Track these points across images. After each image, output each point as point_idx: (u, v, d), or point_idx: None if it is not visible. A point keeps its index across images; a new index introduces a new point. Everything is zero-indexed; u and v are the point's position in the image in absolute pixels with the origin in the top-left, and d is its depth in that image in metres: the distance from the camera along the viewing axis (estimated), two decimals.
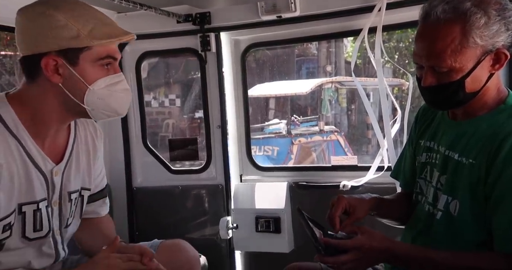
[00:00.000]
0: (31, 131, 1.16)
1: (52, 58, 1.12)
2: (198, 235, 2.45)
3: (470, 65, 1.11)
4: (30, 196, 1.16)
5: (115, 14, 2.36)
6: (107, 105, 1.19)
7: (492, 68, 1.14)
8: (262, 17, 2.17)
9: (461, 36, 1.08)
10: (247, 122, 2.46)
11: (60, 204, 1.25)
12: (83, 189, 1.33)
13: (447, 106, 1.23)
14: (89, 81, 1.15)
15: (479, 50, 1.10)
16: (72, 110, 1.19)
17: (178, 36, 2.36)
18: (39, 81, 1.16)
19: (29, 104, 1.17)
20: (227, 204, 2.42)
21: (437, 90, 1.16)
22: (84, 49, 1.13)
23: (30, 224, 1.18)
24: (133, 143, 2.55)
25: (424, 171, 1.33)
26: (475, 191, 1.15)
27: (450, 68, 1.11)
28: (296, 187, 2.34)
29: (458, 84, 1.13)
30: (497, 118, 1.16)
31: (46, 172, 1.20)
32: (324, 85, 7.63)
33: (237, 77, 2.41)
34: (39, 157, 1.18)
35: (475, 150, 1.16)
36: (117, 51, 1.19)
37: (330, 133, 7.10)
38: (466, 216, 1.17)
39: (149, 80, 6.46)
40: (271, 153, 6.43)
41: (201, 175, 2.48)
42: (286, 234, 2.30)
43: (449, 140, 1.24)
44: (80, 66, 1.14)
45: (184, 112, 10.76)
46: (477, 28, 1.08)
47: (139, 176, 2.56)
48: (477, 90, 1.15)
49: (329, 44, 11.15)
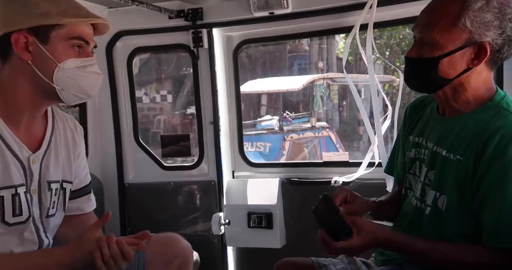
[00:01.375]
0: (4, 118, 1.16)
1: (23, 35, 1.14)
2: (191, 231, 2.46)
3: (452, 47, 1.12)
4: (7, 180, 1.16)
5: (106, 9, 2.34)
6: (77, 85, 1.19)
7: (471, 63, 1.15)
8: (254, 13, 2.16)
9: (456, 14, 1.11)
10: (239, 118, 2.46)
11: (40, 192, 1.25)
12: (64, 181, 1.32)
13: (418, 83, 1.23)
14: (58, 60, 1.16)
15: (465, 35, 1.11)
16: (43, 91, 1.18)
17: (170, 32, 2.35)
18: (11, 61, 1.17)
19: (2, 89, 1.18)
20: (219, 200, 2.42)
21: (415, 63, 1.19)
22: (55, 27, 1.15)
23: (9, 209, 1.17)
24: (125, 138, 2.54)
25: (413, 167, 1.35)
26: (462, 187, 1.17)
27: (434, 41, 1.13)
28: (288, 183, 2.35)
29: (434, 62, 1.14)
30: (484, 116, 1.17)
31: (22, 159, 1.19)
32: (316, 82, 7.66)
33: (229, 74, 2.41)
34: (14, 143, 1.18)
35: (462, 147, 1.18)
36: (90, 35, 1.20)
37: (322, 129, 7.15)
38: (454, 211, 1.19)
39: (140, 76, 6.42)
40: (263, 149, 6.45)
41: (193, 171, 2.48)
42: (278, 229, 2.31)
43: (437, 135, 1.26)
44: (51, 44, 1.15)
45: (176, 108, 10.71)
46: (472, 10, 1.10)
47: (131, 172, 2.56)
48: (449, 78, 1.16)
49: (321, 41, 11.16)
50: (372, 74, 2.13)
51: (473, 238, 1.17)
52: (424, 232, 1.24)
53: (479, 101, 1.20)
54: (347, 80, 2.26)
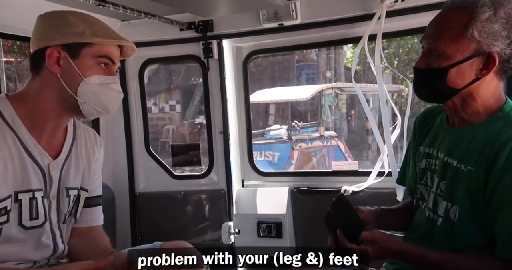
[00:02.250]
0: (28, 126, 1.24)
1: (57, 50, 1.23)
2: (200, 240, 2.47)
3: (460, 57, 1.13)
4: (25, 184, 1.22)
5: (119, 22, 2.40)
6: (98, 100, 1.26)
7: (480, 73, 1.15)
8: (263, 24, 2.20)
9: (463, 25, 1.12)
10: (248, 128, 2.48)
11: (58, 198, 1.30)
12: (82, 189, 1.37)
13: (427, 93, 1.24)
14: (84, 74, 1.24)
15: (473, 46, 1.12)
16: (67, 103, 1.25)
17: (181, 44, 2.40)
18: (42, 73, 1.25)
19: (28, 100, 1.25)
20: (229, 209, 2.44)
21: (424, 74, 1.20)
22: (86, 45, 1.23)
23: (26, 212, 1.22)
24: (136, 148, 2.57)
25: (424, 177, 1.34)
26: (474, 198, 1.16)
27: (442, 52, 1.14)
28: (297, 192, 2.36)
29: (442, 71, 1.15)
30: (493, 126, 1.17)
31: (43, 166, 1.25)
32: (324, 91, 7.67)
33: (238, 84, 2.44)
34: (35, 150, 1.24)
35: (473, 157, 1.18)
36: (116, 55, 1.29)
37: (330, 139, 7.13)
38: (466, 222, 1.18)
39: (150, 86, 6.51)
40: (272, 158, 6.44)
41: (203, 180, 2.50)
42: (288, 239, 2.31)
43: (448, 146, 1.26)
44: (80, 60, 1.24)
45: (185, 118, 10.79)
46: (480, 21, 1.11)
47: (142, 181, 2.59)
48: (458, 88, 1.16)
49: (329, 51, 11.20)
50: (381, 83, 2.14)
51: (485, 250, 1.16)
52: (436, 242, 1.24)
53: (489, 111, 1.20)
54: (355, 89, 2.27)
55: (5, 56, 6.96)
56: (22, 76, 1.45)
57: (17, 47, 6.44)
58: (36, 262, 1.27)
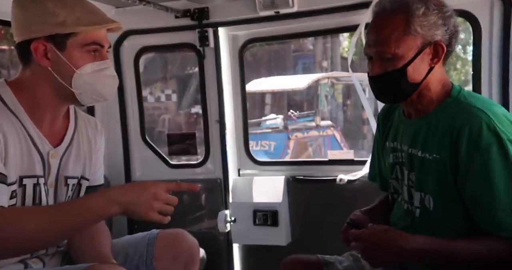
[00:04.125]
0: (28, 113, 1.22)
1: (42, 43, 1.19)
2: (197, 228, 2.48)
3: (412, 54, 1.19)
4: (30, 170, 1.21)
5: (113, 9, 2.36)
6: (94, 89, 1.24)
7: (432, 62, 1.22)
8: (260, 12, 2.17)
9: (404, 24, 1.19)
10: (245, 117, 2.47)
11: (56, 186, 1.29)
12: (82, 177, 1.37)
13: (393, 96, 1.28)
14: (76, 66, 1.21)
15: (419, 40, 1.19)
16: (63, 93, 1.24)
17: (177, 31, 2.36)
18: (32, 66, 1.23)
19: (25, 89, 1.23)
20: (225, 197, 2.44)
21: (384, 79, 1.24)
22: (71, 35, 1.20)
23: (30, 197, 1.21)
24: (132, 137, 2.56)
25: (394, 171, 1.38)
26: (445, 185, 1.19)
27: (394, 54, 1.20)
28: (294, 181, 2.36)
29: (401, 72, 1.20)
30: (446, 112, 1.22)
31: (43, 153, 1.24)
32: (321, 81, 7.65)
33: (234, 72, 2.42)
34: (37, 137, 1.23)
35: (434, 146, 1.22)
36: (104, 38, 1.25)
37: (327, 128, 7.13)
38: (442, 209, 1.21)
39: (145, 75, 6.46)
40: (268, 147, 6.45)
41: (199, 169, 2.50)
42: (284, 227, 2.32)
43: (409, 138, 1.30)
44: (68, 51, 1.21)
45: (181, 108, 10.74)
46: (418, 16, 1.18)
47: (138, 170, 2.58)
48: (418, 82, 1.22)
49: (325, 40, 11.14)
50: None
51: (467, 234, 1.19)
52: (418, 233, 1.23)
53: (440, 98, 1.26)
54: (352, 79, 2.26)
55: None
56: (17, 63, 1.44)
57: (10, 36, 6.35)
58: None
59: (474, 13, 1.91)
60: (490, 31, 1.91)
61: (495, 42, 1.91)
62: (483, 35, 1.92)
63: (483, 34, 1.92)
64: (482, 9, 1.90)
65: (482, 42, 1.93)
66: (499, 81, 1.92)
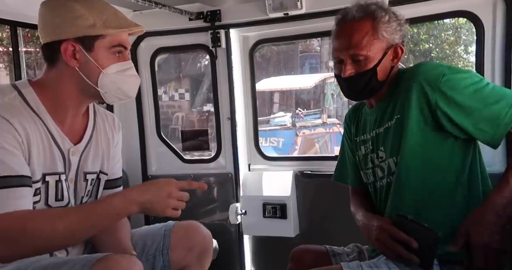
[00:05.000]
0: (50, 112, 1.23)
1: (71, 44, 1.20)
2: (209, 220, 2.49)
3: (379, 55, 1.31)
4: (52, 167, 1.22)
5: (131, 12, 2.38)
6: (118, 88, 1.26)
7: (392, 62, 1.34)
8: (269, 14, 2.17)
9: (372, 30, 1.30)
10: (255, 114, 2.47)
11: (76, 182, 1.30)
12: (101, 172, 1.38)
13: (364, 93, 1.36)
14: (102, 66, 1.22)
15: (385, 43, 1.31)
16: (87, 93, 1.25)
17: (190, 33, 2.37)
18: (58, 66, 1.24)
19: (49, 88, 1.24)
20: (236, 191, 2.44)
21: (356, 79, 1.32)
22: (99, 37, 1.21)
23: (53, 193, 1.23)
24: (148, 134, 2.58)
25: (367, 161, 1.43)
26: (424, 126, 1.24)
27: (366, 56, 1.29)
28: (301, 175, 2.36)
29: (372, 71, 1.31)
30: (396, 84, 1.34)
31: (64, 150, 1.25)
32: (327, 80, 7.61)
33: (245, 72, 2.42)
34: (58, 135, 1.24)
35: (394, 111, 1.31)
36: (127, 41, 1.27)
37: (333, 125, 7.11)
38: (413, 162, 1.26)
39: (160, 75, 6.50)
40: (277, 144, 6.44)
41: (212, 164, 2.51)
42: (292, 219, 2.32)
43: (372, 123, 1.40)
44: (95, 52, 1.22)
45: (193, 106, 10.78)
46: (383, 23, 1.30)
47: (154, 165, 2.60)
48: (383, 80, 1.34)
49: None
50: None
51: None
52: (410, 193, 1.28)
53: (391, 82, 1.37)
54: None
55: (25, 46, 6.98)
56: (41, 65, 1.46)
57: (36, 38, 6.44)
58: None
59: (477, 13, 1.88)
60: (493, 31, 1.87)
61: (498, 42, 1.87)
62: (486, 35, 1.89)
63: (486, 35, 1.89)
64: (484, 9, 1.87)
65: (485, 43, 1.90)
66: (502, 81, 1.89)
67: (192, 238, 1.48)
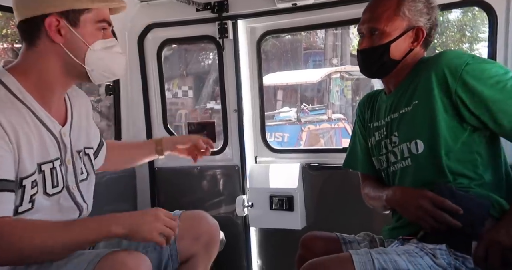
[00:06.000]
0: (36, 97, 1.18)
1: (55, 18, 1.14)
2: (216, 212, 2.47)
3: (397, 33, 1.32)
4: (45, 156, 1.19)
5: (138, 3, 2.36)
6: (106, 66, 1.21)
7: (412, 44, 1.34)
8: (278, 4, 2.14)
9: (395, 6, 1.31)
10: (262, 106, 2.45)
11: (73, 162, 1.28)
12: (86, 148, 1.36)
13: (375, 69, 1.37)
14: (88, 42, 1.17)
15: (406, 22, 1.31)
16: (73, 72, 1.20)
17: (197, 24, 2.35)
18: (40, 44, 1.17)
19: (31, 72, 1.18)
20: (243, 183, 2.43)
21: (369, 52, 1.35)
22: (85, 11, 1.16)
23: (49, 181, 1.20)
24: (155, 126, 2.56)
25: (380, 148, 1.43)
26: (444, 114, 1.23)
27: (383, 31, 1.31)
28: (308, 167, 2.34)
29: (385, 47, 1.32)
30: (416, 71, 1.33)
31: (56, 134, 1.22)
32: (332, 75, 7.60)
33: (252, 63, 2.41)
34: (48, 120, 1.20)
35: (413, 97, 1.30)
36: (109, 17, 1.23)
37: (338, 121, 7.10)
38: (430, 147, 1.26)
39: (163, 72, 6.50)
40: (282, 139, 6.44)
41: (218, 156, 2.49)
42: (299, 211, 2.31)
43: (388, 109, 1.40)
44: (81, 27, 1.16)
45: (197, 103, 10.77)
46: (408, 1, 1.31)
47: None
48: (398, 60, 1.34)
49: (335, 38, 11.04)
50: None
51: None
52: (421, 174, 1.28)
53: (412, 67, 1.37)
54: None
55: None
56: None
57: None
58: None
59: (490, 2, 1.84)
60: (506, 20, 1.83)
61: (511, 32, 1.83)
62: (499, 25, 1.84)
63: (499, 24, 1.84)
64: None
65: (498, 32, 1.85)
66: None
67: (198, 227, 1.47)
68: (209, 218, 1.52)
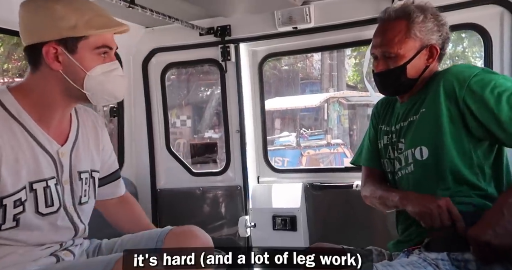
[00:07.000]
0: (35, 117, 1.18)
1: (52, 46, 1.15)
2: (219, 234, 2.45)
3: (411, 54, 1.35)
4: (38, 174, 1.18)
5: (144, 29, 2.45)
6: (105, 90, 1.22)
7: (427, 62, 1.38)
8: (278, 28, 2.22)
9: (406, 29, 1.34)
10: (263, 127, 2.48)
11: (71, 182, 1.26)
12: (93, 170, 1.34)
13: (394, 88, 1.41)
14: (87, 68, 1.18)
15: (418, 42, 1.35)
16: (74, 95, 1.21)
17: (201, 48, 2.43)
18: (42, 69, 1.18)
19: (32, 92, 1.19)
20: (245, 204, 2.42)
21: (386, 74, 1.38)
22: (82, 38, 1.16)
23: (42, 200, 1.18)
24: (157, 147, 2.58)
25: (387, 152, 1.46)
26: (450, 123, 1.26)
27: (397, 54, 1.35)
28: (311, 187, 2.34)
29: (401, 68, 1.35)
30: (429, 83, 1.37)
31: (53, 153, 1.21)
32: (330, 101, 7.72)
33: (254, 85, 2.46)
34: (44, 139, 1.19)
35: (422, 106, 1.34)
36: (112, 41, 1.23)
37: (337, 146, 7.14)
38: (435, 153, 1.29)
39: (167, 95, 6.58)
40: (282, 163, 6.44)
41: (220, 177, 2.49)
42: (302, 231, 2.29)
43: (400, 116, 1.43)
44: (79, 54, 1.17)
45: (195, 133, 10.83)
46: (417, 23, 1.34)
47: (163, 178, 2.58)
48: (415, 78, 1.38)
49: (331, 68, 11.29)
50: None
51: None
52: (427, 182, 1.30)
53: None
54: (367, 88, 2.29)
55: None
56: None
57: None
58: (62, 243, 1.25)
59: (484, 26, 1.89)
60: (500, 43, 1.86)
61: (506, 55, 1.86)
62: (494, 48, 1.88)
63: (494, 47, 1.88)
64: (492, 21, 1.87)
65: (493, 55, 1.88)
66: None
67: (186, 244, 1.39)
68: (200, 234, 1.40)
